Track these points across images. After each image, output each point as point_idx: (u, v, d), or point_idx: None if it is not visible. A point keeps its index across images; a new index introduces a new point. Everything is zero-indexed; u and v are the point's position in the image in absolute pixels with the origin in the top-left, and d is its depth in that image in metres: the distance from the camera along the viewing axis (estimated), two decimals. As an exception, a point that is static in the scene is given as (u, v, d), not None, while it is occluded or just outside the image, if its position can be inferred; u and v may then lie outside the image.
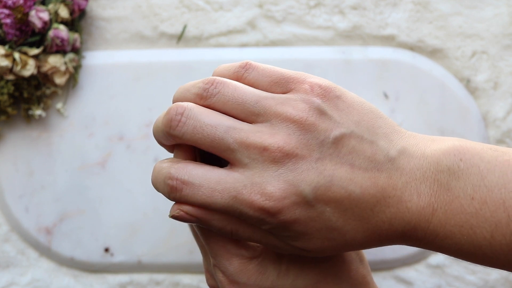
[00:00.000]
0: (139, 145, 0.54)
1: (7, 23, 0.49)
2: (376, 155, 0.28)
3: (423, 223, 0.28)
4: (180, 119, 0.29)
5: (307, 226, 0.28)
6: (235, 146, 0.28)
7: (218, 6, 0.55)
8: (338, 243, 0.29)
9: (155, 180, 0.30)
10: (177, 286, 0.54)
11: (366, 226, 0.28)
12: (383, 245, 0.30)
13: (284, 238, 0.29)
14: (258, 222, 0.28)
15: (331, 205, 0.27)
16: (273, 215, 0.27)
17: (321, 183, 0.27)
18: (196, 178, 0.28)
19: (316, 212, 0.27)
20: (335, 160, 0.28)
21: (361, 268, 0.34)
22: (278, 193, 0.27)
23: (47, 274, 0.54)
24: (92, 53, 0.55)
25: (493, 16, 0.53)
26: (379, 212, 0.28)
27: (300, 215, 0.27)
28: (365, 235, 0.29)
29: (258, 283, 0.32)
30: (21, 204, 0.54)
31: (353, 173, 0.28)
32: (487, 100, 0.53)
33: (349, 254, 0.34)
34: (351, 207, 0.28)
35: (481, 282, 0.52)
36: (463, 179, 0.28)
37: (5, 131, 0.54)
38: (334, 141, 0.28)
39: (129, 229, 0.53)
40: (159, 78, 0.54)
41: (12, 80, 0.51)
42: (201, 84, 0.30)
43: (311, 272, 0.32)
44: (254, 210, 0.27)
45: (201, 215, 0.29)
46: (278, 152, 0.27)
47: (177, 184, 0.29)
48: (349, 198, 0.28)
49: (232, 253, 0.31)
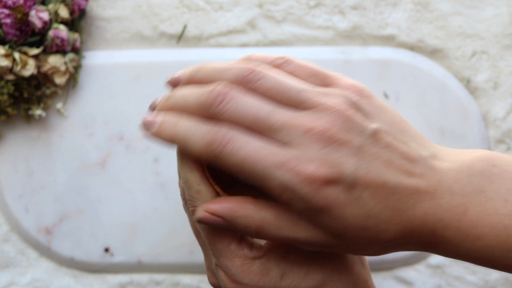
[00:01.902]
0: (139, 145, 0.54)
1: (7, 23, 0.49)
2: (410, 153, 0.29)
3: (455, 222, 0.28)
4: (223, 99, 0.29)
5: (345, 209, 0.28)
6: (278, 125, 0.28)
7: (218, 6, 0.55)
8: (371, 233, 0.29)
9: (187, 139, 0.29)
10: (177, 286, 0.54)
11: (399, 218, 0.28)
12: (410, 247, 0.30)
13: (318, 223, 0.29)
14: (297, 198, 0.28)
15: (369, 190, 0.28)
16: (315, 190, 0.27)
17: (361, 168, 0.28)
18: (240, 138, 0.28)
19: (355, 195, 0.28)
20: (373, 150, 0.28)
21: (364, 272, 0.34)
22: (322, 169, 0.27)
23: (47, 274, 0.54)
24: (92, 53, 0.55)
25: (493, 16, 0.53)
26: (413, 205, 0.28)
27: (340, 196, 0.27)
28: (398, 228, 0.29)
29: (261, 284, 0.31)
30: (21, 204, 0.54)
31: (389, 164, 0.28)
32: (487, 100, 0.53)
33: (352, 258, 0.34)
34: (387, 196, 0.28)
35: (482, 282, 0.52)
36: (497, 183, 0.28)
37: (5, 131, 0.54)
38: (372, 134, 0.29)
39: (129, 229, 0.53)
40: (159, 78, 0.54)
41: (12, 80, 0.51)
42: (241, 70, 0.30)
43: (314, 275, 0.32)
44: (297, 180, 0.27)
45: (226, 213, 0.29)
46: (322, 133, 0.28)
47: (222, 138, 0.28)
48: (385, 186, 0.28)
49: (235, 254, 0.31)
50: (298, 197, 0.28)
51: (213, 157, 0.28)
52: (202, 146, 0.29)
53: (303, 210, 0.28)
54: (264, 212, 0.30)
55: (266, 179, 0.28)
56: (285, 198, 0.28)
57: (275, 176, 0.27)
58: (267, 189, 0.28)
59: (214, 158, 0.28)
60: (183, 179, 0.32)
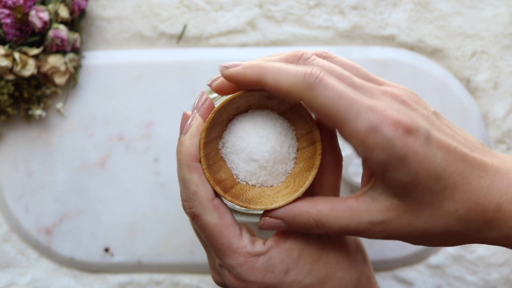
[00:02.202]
0: (139, 145, 0.54)
1: (7, 23, 0.49)
2: (468, 137, 0.31)
3: None
4: (309, 57, 0.30)
5: (421, 164, 0.28)
6: (359, 83, 0.30)
7: (218, 6, 0.55)
8: (436, 199, 0.29)
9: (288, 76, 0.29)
10: (177, 286, 0.54)
11: (465, 187, 0.29)
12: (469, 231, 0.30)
13: (389, 179, 0.29)
14: (382, 141, 0.28)
15: (442, 150, 0.29)
16: (400, 135, 0.28)
17: (432, 130, 0.29)
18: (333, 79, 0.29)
19: (431, 152, 0.28)
20: (438, 123, 0.30)
21: (366, 269, 0.35)
22: (404, 118, 0.28)
23: (47, 274, 0.54)
24: (92, 53, 0.55)
25: (493, 16, 0.53)
26: (479, 176, 0.29)
27: (419, 148, 0.28)
28: (463, 198, 0.29)
29: (266, 280, 0.32)
30: (21, 204, 0.54)
31: (453, 138, 0.30)
32: (487, 100, 0.53)
33: (355, 255, 0.34)
34: (457, 161, 0.29)
35: (481, 282, 0.52)
36: None
37: (5, 131, 0.54)
38: (434, 112, 0.31)
39: (129, 229, 0.53)
40: (159, 78, 0.54)
41: (12, 80, 0.51)
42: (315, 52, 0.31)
43: (318, 271, 0.33)
44: (386, 123, 0.28)
45: (284, 214, 0.31)
46: (397, 96, 0.30)
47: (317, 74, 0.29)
48: (455, 151, 0.29)
49: (237, 252, 0.31)
50: (384, 140, 0.28)
51: (307, 88, 0.29)
52: (296, 78, 0.29)
53: (381, 162, 0.28)
54: (320, 206, 0.31)
55: (354, 120, 0.28)
56: (369, 142, 0.28)
57: (365, 117, 0.28)
58: (351, 132, 0.28)
59: (308, 89, 0.28)
60: (181, 179, 0.32)
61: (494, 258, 0.52)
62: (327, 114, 0.29)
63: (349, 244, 0.34)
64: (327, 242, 0.33)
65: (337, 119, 0.28)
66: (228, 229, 0.32)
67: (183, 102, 0.53)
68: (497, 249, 0.52)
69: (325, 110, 0.28)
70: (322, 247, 0.33)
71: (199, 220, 0.32)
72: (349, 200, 0.31)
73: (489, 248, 0.52)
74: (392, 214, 0.30)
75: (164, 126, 0.53)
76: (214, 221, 0.31)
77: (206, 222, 0.31)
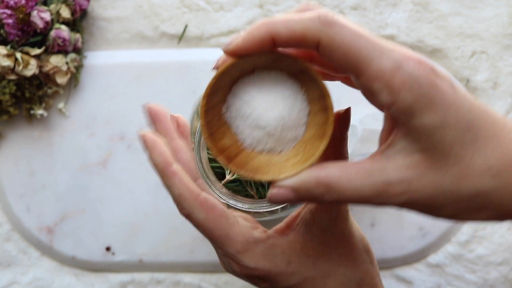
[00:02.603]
0: (140, 145, 0.54)
1: (9, 23, 0.49)
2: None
3: None
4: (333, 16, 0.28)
5: (449, 108, 0.26)
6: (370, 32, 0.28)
7: (218, 6, 0.55)
8: (466, 153, 0.26)
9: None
10: (178, 285, 0.54)
11: (499, 141, 0.26)
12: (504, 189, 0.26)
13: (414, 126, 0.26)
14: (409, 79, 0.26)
15: (468, 101, 0.26)
16: (427, 73, 0.26)
17: (452, 79, 0.27)
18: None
19: (458, 97, 0.26)
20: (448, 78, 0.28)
21: (371, 269, 0.35)
22: (429, 61, 0.26)
23: (48, 273, 0.54)
24: (94, 53, 0.55)
25: (493, 16, 0.54)
26: (509, 133, 0.27)
27: (447, 89, 0.26)
28: (497, 153, 0.26)
29: (267, 268, 0.32)
30: (22, 204, 0.54)
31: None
32: (487, 99, 0.53)
33: (360, 254, 0.34)
34: (484, 116, 0.26)
35: (481, 281, 0.52)
36: None
37: (6, 131, 0.54)
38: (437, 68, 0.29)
39: (130, 229, 0.54)
40: (160, 78, 0.54)
41: (14, 80, 0.51)
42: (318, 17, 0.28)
43: (321, 266, 0.33)
44: (412, 61, 0.26)
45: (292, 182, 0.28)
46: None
47: (334, 13, 0.27)
48: (480, 106, 0.26)
49: (236, 240, 0.32)
50: (411, 78, 0.25)
51: (325, 26, 0.26)
52: (310, 20, 0.26)
53: (408, 105, 0.26)
54: (329, 169, 0.28)
55: (378, 58, 0.26)
56: (396, 81, 0.26)
57: (389, 55, 0.26)
58: (375, 72, 0.26)
59: (326, 27, 0.26)
60: (164, 186, 0.33)
61: (494, 257, 0.52)
62: (347, 54, 0.26)
63: (354, 243, 0.34)
64: (331, 238, 0.33)
65: (359, 59, 0.26)
66: (220, 221, 0.32)
67: (184, 101, 0.53)
68: (496, 248, 0.52)
69: (345, 49, 0.26)
70: (326, 243, 0.33)
71: (191, 218, 0.32)
72: (362, 161, 0.28)
73: (488, 247, 0.52)
74: (412, 172, 0.27)
75: (165, 125, 0.53)
76: (204, 216, 0.32)
77: (198, 219, 0.32)
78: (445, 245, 0.53)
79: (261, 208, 0.37)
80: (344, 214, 0.34)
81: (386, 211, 0.52)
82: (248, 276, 0.33)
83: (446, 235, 0.52)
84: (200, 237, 0.53)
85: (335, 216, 0.33)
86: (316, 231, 0.33)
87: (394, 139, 0.27)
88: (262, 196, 0.43)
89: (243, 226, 0.32)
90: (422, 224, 0.52)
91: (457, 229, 0.53)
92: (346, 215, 0.34)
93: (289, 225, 0.34)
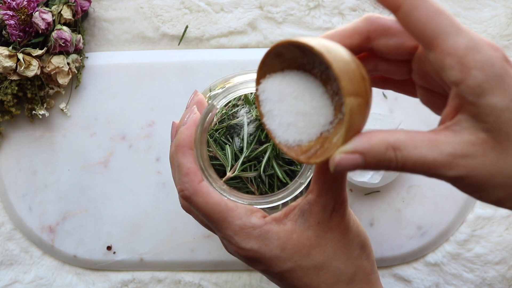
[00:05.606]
0: (141, 144, 0.54)
1: (11, 24, 0.50)
2: None
3: None
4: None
5: (506, 92, 0.26)
6: None
7: (219, 8, 0.55)
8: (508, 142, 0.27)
9: None
10: (178, 284, 0.54)
11: None
12: None
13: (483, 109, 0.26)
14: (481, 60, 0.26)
15: None
16: (499, 57, 0.26)
17: None
18: None
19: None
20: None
21: (367, 265, 0.35)
22: (500, 48, 0.27)
23: (50, 272, 0.55)
24: (95, 54, 0.55)
25: (491, 17, 0.54)
26: None
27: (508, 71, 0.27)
28: None
29: (261, 251, 0.34)
30: (25, 203, 0.54)
31: None
32: (485, 100, 0.54)
33: (355, 249, 0.35)
34: None
35: (479, 280, 0.52)
36: None
37: (8, 131, 0.55)
38: None
39: (131, 228, 0.54)
40: (161, 79, 0.54)
41: (16, 80, 0.52)
42: None
43: (315, 256, 0.34)
44: (483, 42, 0.27)
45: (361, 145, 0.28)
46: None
47: None
48: None
49: (234, 223, 0.34)
50: (484, 58, 0.26)
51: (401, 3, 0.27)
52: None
53: (478, 83, 0.26)
54: (397, 134, 0.28)
55: (455, 35, 0.26)
56: (469, 59, 0.26)
57: (465, 34, 0.26)
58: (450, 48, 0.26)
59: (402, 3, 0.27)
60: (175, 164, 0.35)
61: (491, 256, 0.52)
62: (426, 24, 0.27)
63: (350, 238, 0.35)
64: (326, 231, 0.34)
65: (436, 32, 0.27)
66: (220, 205, 0.34)
67: (184, 102, 0.53)
68: (494, 247, 0.53)
69: (425, 20, 0.27)
70: (322, 235, 0.34)
71: (192, 201, 0.34)
72: (427, 132, 0.28)
73: (487, 246, 0.53)
74: (477, 148, 0.27)
75: (166, 126, 0.54)
76: (204, 199, 0.34)
77: (198, 202, 0.34)
78: (443, 244, 0.53)
79: (262, 204, 0.38)
80: (341, 209, 0.34)
81: (385, 211, 0.52)
82: (245, 257, 0.34)
83: (445, 234, 0.53)
84: (201, 236, 0.54)
85: (331, 209, 0.34)
86: (313, 223, 0.34)
87: (460, 117, 0.27)
88: (262, 192, 0.43)
89: (241, 210, 0.34)
90: (421, 224, 0.52)
91: (456, 228, 0.53)
92: (343, 209, 0.34)
93: (286, 214, 0.35)
